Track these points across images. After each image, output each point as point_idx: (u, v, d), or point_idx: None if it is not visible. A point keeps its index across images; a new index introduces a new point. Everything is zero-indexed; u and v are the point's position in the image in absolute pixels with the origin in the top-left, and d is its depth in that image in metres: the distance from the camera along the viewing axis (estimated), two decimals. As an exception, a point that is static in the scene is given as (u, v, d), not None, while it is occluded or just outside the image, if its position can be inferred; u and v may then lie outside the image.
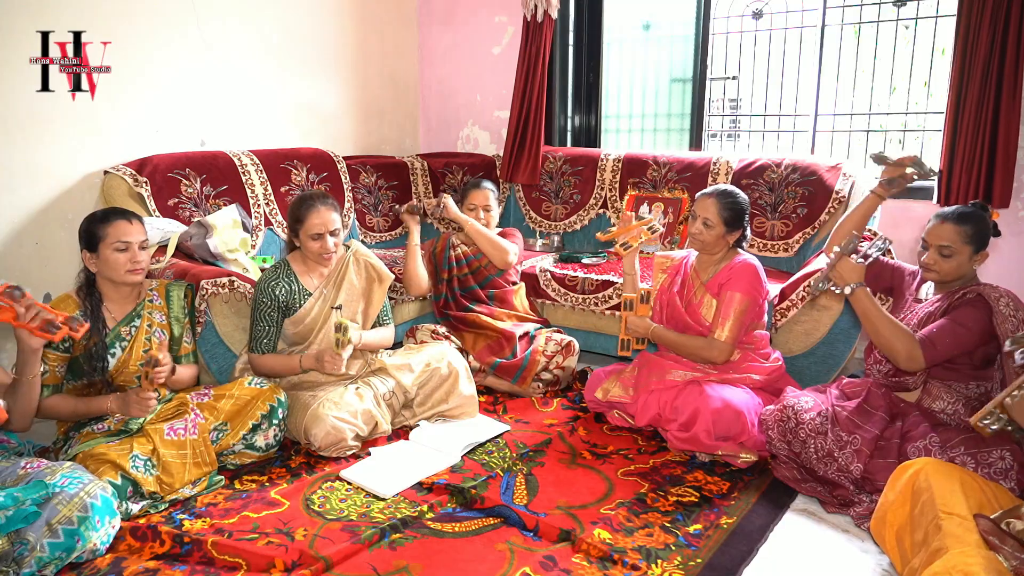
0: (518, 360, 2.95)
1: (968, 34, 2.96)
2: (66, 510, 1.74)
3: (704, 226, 2.51)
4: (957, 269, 2.12)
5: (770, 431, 2.26)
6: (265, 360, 2.55)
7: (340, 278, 2.63)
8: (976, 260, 2.13)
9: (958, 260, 2.11)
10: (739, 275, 2.48)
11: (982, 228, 2.12)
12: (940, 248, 2.12)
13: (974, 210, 2.16)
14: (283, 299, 2.53)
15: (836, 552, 1.93)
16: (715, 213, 2.49)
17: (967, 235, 2.10)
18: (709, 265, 2.60)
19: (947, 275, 2.14)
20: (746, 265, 2.51)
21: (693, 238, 2.56)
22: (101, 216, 2.20)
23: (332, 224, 2.52)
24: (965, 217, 2.12)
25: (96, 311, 2.19)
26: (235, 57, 3.61)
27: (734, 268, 2.51)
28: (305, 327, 2.57)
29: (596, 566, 1.83)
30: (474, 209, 3.19)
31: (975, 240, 2.10)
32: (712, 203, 2.50)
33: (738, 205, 2.51)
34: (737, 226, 2.52)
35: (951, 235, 2.11)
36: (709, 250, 2.57)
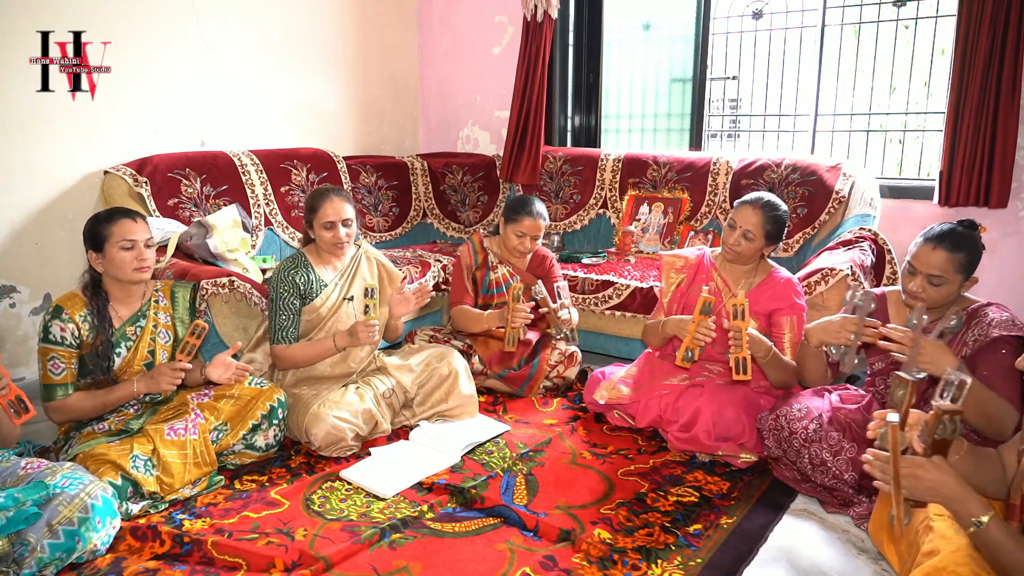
0: (525, 371, 2.95)
1: (968, 34, 2.96)
2: (66, 511, 1.74)
3: (744, 239, 2.35)
4: (947, 298, 1.98)
5: (766, 440, 2.25)
6: (294, 350, 2.53)
7: (354, 272, 2.67)
8: (966, 286, 1.99)
9: (949, 289, 1.95)
10: (789, 296, 2.36)
11: (975, 255, 1.96)
12: (930, 277, 1.94)
13: (966, 233, 1.97)
14: (302, 286, 2.55)
15: (836, 552, 1.93)
16: (758, 225, 2.33)
17: (960, 264, 1.93)
18: (740, 275, 2.46)
19: (935, 303, 1.99)
20: (789, 283, 2.40)
21: (728, 249, 2.40)
22: (105, 216, 2.21)
23: (344, 213, 2.54)
24: (959, 244, 1.93)
25: (103, 310, 2.19)
26: (235, 57, 3.61)
27: (778, 288, 2.39)
28: (317, 316, 2.58)
29: (596, 566, 1.83)
30: (523, 237, 2.89)
31: (967, 268, 1.95)
32: (755, 214, 2.34)
33: (781, 219, 2.36)
34: (777, 239, 2.39)
35: (943, 264, 1.93)
36: (743, 261, 2.43)
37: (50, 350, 2.13)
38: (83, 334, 2.15)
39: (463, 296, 3.00)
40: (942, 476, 1.35)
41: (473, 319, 2.90)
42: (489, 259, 3.04)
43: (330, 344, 2.55)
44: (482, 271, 3.03)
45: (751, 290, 2.42)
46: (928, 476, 1.36)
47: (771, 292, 2.41)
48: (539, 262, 3.08)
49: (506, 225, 2.95)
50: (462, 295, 3.00)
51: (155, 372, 2.20)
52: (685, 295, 2.57)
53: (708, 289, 2.35)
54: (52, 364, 2.13)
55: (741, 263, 2.46)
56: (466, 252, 3.05)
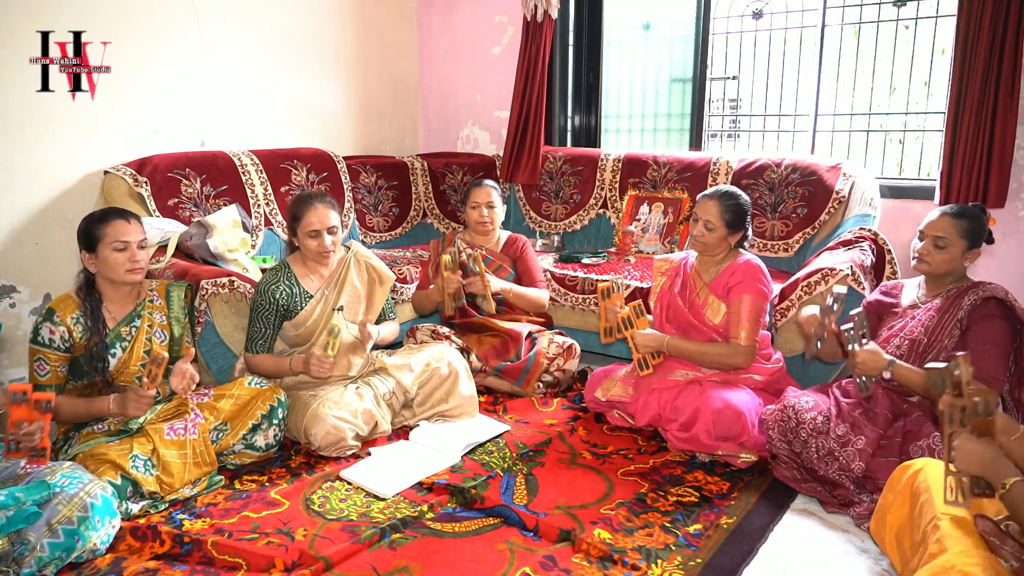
0: (522, 363, 2.95)
1: (968, 34, 2.96)
2: (66, 510, 1.74)
3: (706, 229, 2.48)
4: (949, 263, 2.15)
5: (770, 431, 2.26)
6: (259, 360, 2.55)
7: (341, 279, 2.63)
8: (968, 257, 2.16)
9: (951, 253, 2.14)
10: (746, 277, 2.46)
11: (978, 226, 2.15)
12: (935, 239, 2.15)
13: (971, 207, 2.20)
14: (283, 302, 2.53)
15: (836, 552, 1.93)
16: (716, 215, 2.46)
17: (963, 229, 2.13)
18: (711, 265, 2.57)
19: (938, 267, 2.16)
20: (750, 265, 2.49)
21: (694, 240, 2.53)
22: (99, 216, 2.20)
23: (329, 221, 2.51)
24: (962, 212, 2.16)
25: (96, 311, 2.18)
26: (235, 57, 3.61)
27: (738, 269, 2.49)
28: (307, 329, 2.57)
29: (596, 566, 1.83)
30: (477, 207, 3.13)
31: (970, 235, 2.13)
32: (713, 205, 2.48)
33: (740, 207, 2.49)
34: (739, 227, 2.49)
35: (947, 227, 2.14)
36: (711, 252, 2.54)
37: (37, 351, 2.13)
38: (75, 337, 2.14)
39: (424, 283, 3.20)
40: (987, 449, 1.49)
41: (422, 297, 3.15)
42: (457, 245, 3.16)
43: (286, 366, 2.52)
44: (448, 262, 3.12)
45: (716, 276, 2.53)
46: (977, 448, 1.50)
47: (730, 274, 2.50)
48: (511, 243, 3.25)
49: (465, 209, 3.21)
50: (424, 283, 3.20)
51: (124, 398, 2.12)
52: (667, 295, 2.65)
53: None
54: (38, 365, 2.13)
55: (710, 254, 2.55)
56: (434, 244, 3.26)
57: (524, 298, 3.12)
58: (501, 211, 3.21)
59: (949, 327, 2.12)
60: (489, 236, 3.22)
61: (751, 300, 2.43)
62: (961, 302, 2.12)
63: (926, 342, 2.15)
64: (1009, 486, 1.45)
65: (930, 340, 2.15)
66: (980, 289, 2.11)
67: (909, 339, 2.19)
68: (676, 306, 2.60)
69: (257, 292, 2.53)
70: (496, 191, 3.18)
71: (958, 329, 2.11)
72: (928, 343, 2.15)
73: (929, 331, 2.16)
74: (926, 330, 2.16)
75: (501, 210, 3.20)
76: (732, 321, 2.45)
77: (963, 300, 2.12)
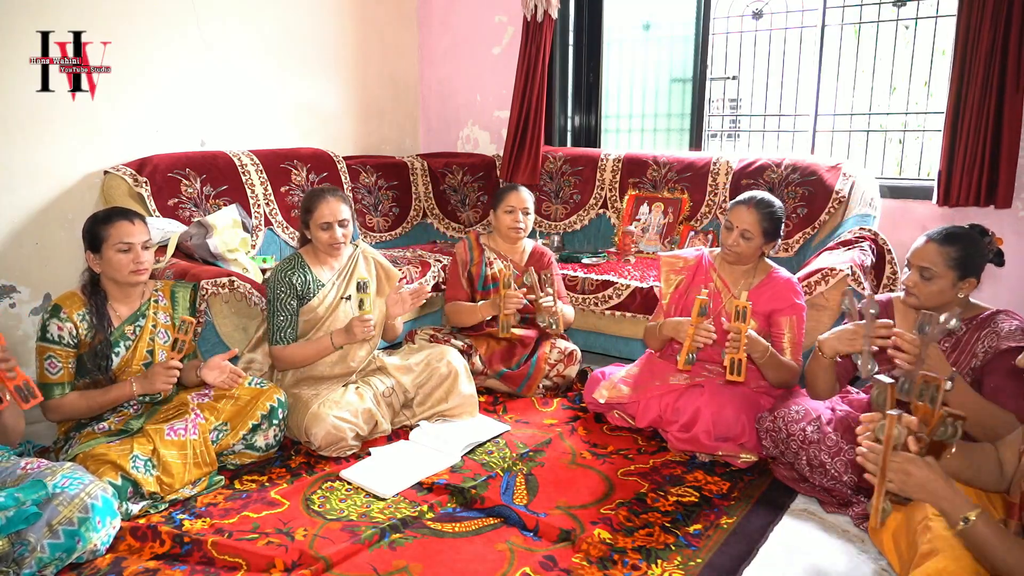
0: (524, 370, 2.95)
1: (968, 34, 2.96)
2: (66, 511, 1.74)
3: (743, 239, 2.35)
4: (939, 295, 1.94)
5: (764, 441, 2.26)
6: (292, 350, 2.54)
7: (351, 272, 2.67)
8: (962, 288, 1.93)
9: (939, 285, 1.92)
10: (789, 297, 2.36)
11: (970, 253, 1.91)
12: (921, 269, 1.94)
13: (966, 232, 1.95)
14: (299, 287, 2.55)
15: (836, 552, 1.93)
16: (755, 223, 2.33)
17: (951, 258, 1.90)
18: (739, 276, 2.47)
19: (927, 300, 1.95)
20: (789, 284, 2.40)
21: (727, 250, 2.41)
22: (103, 217, 2.20)
23: (341, 214, 2.54)
24: (952, 238, 1.92)
25: (102, 310, 2.19)
26: (235, 57, 3.61)
27: (778, 288, 2.39)
28: (315, 316, 2.58)
29: (596, 566, 1.83)
30: (512, 212, 2.96)
31: (960, 265, 1.90)
32: (751, 213, 2.34)
33: (778, 215, 2.37)
34: (775, 236, 2.39)
35: (933, 256, 1.92)
36: (743, 262, 2.44)
37: (47, 349, 2.13)
38: (81, 333, 2.15)
39: (458, 292, 3.05)
40: (931, 475, 1.38)
41: (467, 311, 2.97)
42: (485, 255, 3.05)
43: (327, 342, 2.54)
44: (478, 267, 3.04)
45: (751, 290, 2.42)
46: (919, 473, 1.39)
47: (771, 292, 2.41)
48: (538, 257, 3.11)
49: (496, 211, 3.02)
50: (457, 291, 3.06)
51: (150, 372, 2.19)
52: (684, 296, 2.57)
53: (707, 291, 2.36)
54: (49, 363, 2.13)
55: (741, 263, 2.46)
56: (462, 249, 3.08)
57: (565, 317, 2.96)
58: (532, 219, 3.06)
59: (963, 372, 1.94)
60: (517, 244, 3.09)
61: (799, 321, 2.37)
62: (974, 347, 1.92)
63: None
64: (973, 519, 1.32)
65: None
66: (994, 331, 1.89)
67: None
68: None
69: (273, 282, 2.54)
70: (531, 198, 3.03)
71: (970, 376, 1.93)
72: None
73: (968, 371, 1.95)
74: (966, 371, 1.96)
75: (532, 218, 3.07)
76: (784, 343, 2.36)
77: (976, 344, 1.92)
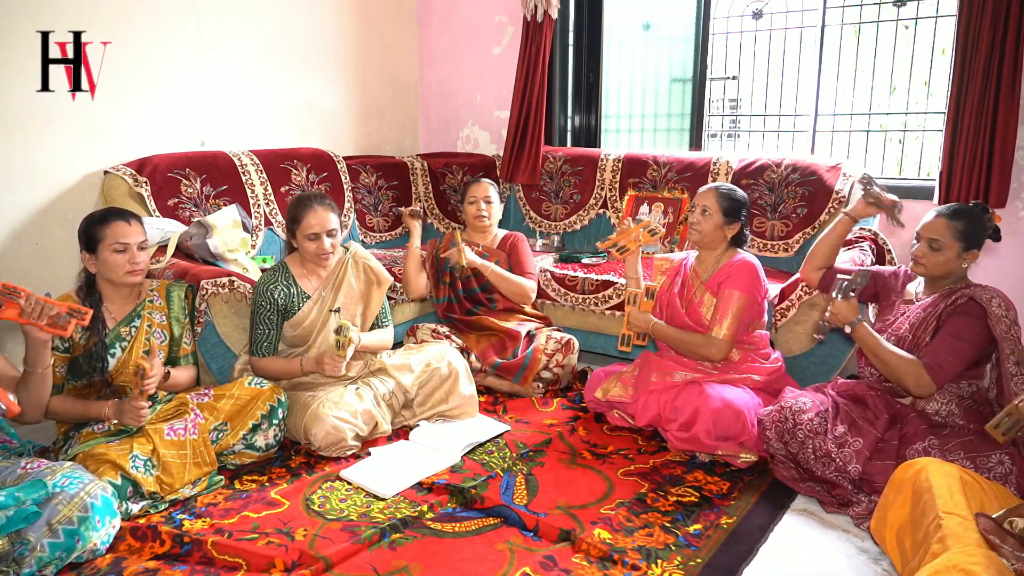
0: (520, 359, 2.95)
1: (968, 34, 2.95)
2: (66, 510, 1.74)
3: (702, 215, 2.52)
4: (945, 264, 2.14)
5: (767, 432, 2.26)
6: (266, 363, 2.54)
7: (339, 281, 2.63)
8: (965, 258, 2.14)
9: (946, 255, 2.13)
10: (737, 273, 2.49)
11: (974, 226, 2.13)
12: (930, 241, 2.14)
13: (970, 208, 2.17)
14: (281, 302, 2.53)
15: (836, 552, 1.93)
16: (713, 201, 2.51)
17: (957, 230, 2.12)
18: (709, 264, 2.60)
19: (934, 269, 2.15)
20: (744, 263, 2.51)
21: (692, 228, 2.57)
22: (99, 217, 2.20)
23: (329, 224, 2.51)
24: (958, 213, 2.14)
25: (96, 311, 2.18)
26: (235, 57, 3.61)
27: (733, 266, 2.52)
28: (304, 330, 2.57)
29: (596, 566, 1.83)
30: (475, 202, 3.17)
31: (965, 237, 2.12)
32: (711, 193, 2.54)
33: (736, 196, 2.54)
34: (735, 218, 2.52)
35: (941, 229, 2.13)
36: (708, 244, 2.56)
37: None
38: (74, 337, 2.14)
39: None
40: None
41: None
42: (454, 241, 3.08)
43: (296, 366, 2.52)
44: (445, 250, 3.12)
45: (712, 274, 2.56)
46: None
47: (726, 271, 2.53)
48: (506, 239, 3.27)
49: (463, 205, 3.24)
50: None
51: (121, 407, 2.13)
52: (667, 294, 2.67)
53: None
54: None
55: (707, 247, 2.58)
56: (431, 243, 3.28)
57: (505, 280, 3.09)
58: (498, 208, 3.24)
59: (930, 322, 2.14)
60: (486, 233, 3.24)
61: (738, 296, 2.45)
62: (946, 301, 2.14)
63: (910, 339, 2.17)
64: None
65: (914, 336, 2.17)
66: (970, 290, 2.11)
67: (896, 335, 2.20)
68: (674, 305, 2.62)
69: (256, 293, 2.53)
70: (493, 187, 3.22)
71: (935, 322, 2.13)
72: (912, 340, 2.17)
73: (913, 327, 2.17)
74: (911, 326, 2.18)
75: (499, 207, 3.24)
76: (714, 313, 2.49)
77: (948, 299, 2.14)
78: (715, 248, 2.58)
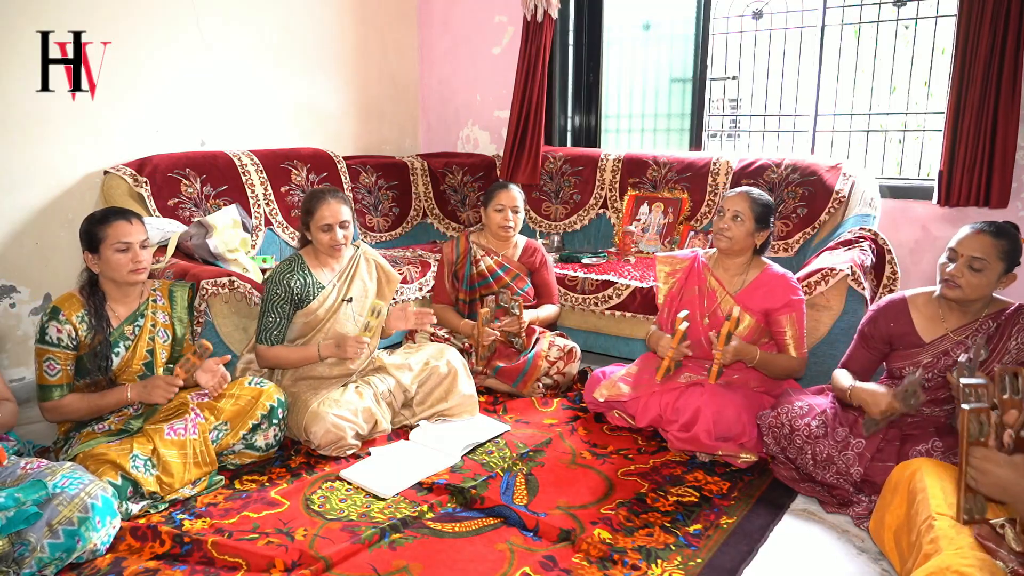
0: (520, 364, 2.94)
1: (968, 34, 2.96)
2: (66, 511, 1.74)
3: (734, 220, 2.42)
4: (985, 288, 1.94)
5: (765, 437, 2.26)
6: (277, 351, 2.54)
7: (352, 273, 2.66)
8: (1003, 282, 1.96)
9: (987, 278, 1.92)
10: (784, 294, 2.40)
11: (1016, 249, 1.94)
12: (972, 260, 1.92)
13: (1011, 227, 1.97)
14: (298, 291, 2.54)
15: (836, 552, 1.93)
16: (747, 207, 2.42)
17: (1003, 251, 1.92)
18: (734, 274, 2.50)
19: (971, 292, 1.95)
20: (787, 281, 2.43)
21: (719, 235, 2.46)
22: (100, 217, 2.20)
23: (342, 215, 2.54)
24: (1003, 232, 1.94)
25: (100, 310, 2.19)
26: (235, 57, 3.62)
27: (771, 285, 2.43)
28: (315, 318, 2.58)
29: (596, 566, 1.83)
30: (502, 210, 3.03)
31: (1009, 258, 1.93)
32: (742, 198, 2.44)
33: (767, 201, 2.46)
34: (765, 225, 2.45)
35: (987, 248, 1.91)
36: (737, 251, 2.46)
37: (46, 351, 2.13)
38: (80, 335, 2.15)
39: (441, 295, 3.19)
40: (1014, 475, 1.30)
41: (450, 324, 3.11)
42: (473, 252, 3.09)
43: (314, 352, 2.53)
44: (463, 267, 3.09)
45: (744, 288, 2.46)
46: (999, 472, 1.32)
47: (765, 290, 2.44)
48: (530, 253, 3.18)
49: (486, 209, 3.10)
50: (440, 294, 3.19)
51: (150, 383, 2.17)
52: (677, 298, 2.60)
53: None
54: (48, 365, 2.13)
55: (734, 253, 2.48)
56: (448, 248, 3.17)
57: (546, 322, 3.11)
58: (522, 216, 3.13)
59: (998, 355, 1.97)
60: (508, 242, 3.14)
61: (797, 317, 2.41)
62: (1007, 343, 1.95)
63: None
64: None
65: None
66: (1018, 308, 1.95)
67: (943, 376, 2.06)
68: (692, 318, 2.51)
69: (270, 282, 2.53)
70: (521, 196, 3.10)
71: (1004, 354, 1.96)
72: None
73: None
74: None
75: (523, 215, 3.13)
76: (787, 340, 2.42)
77: (1008, 341, 1.95)
78: (741, 255, 2.49)
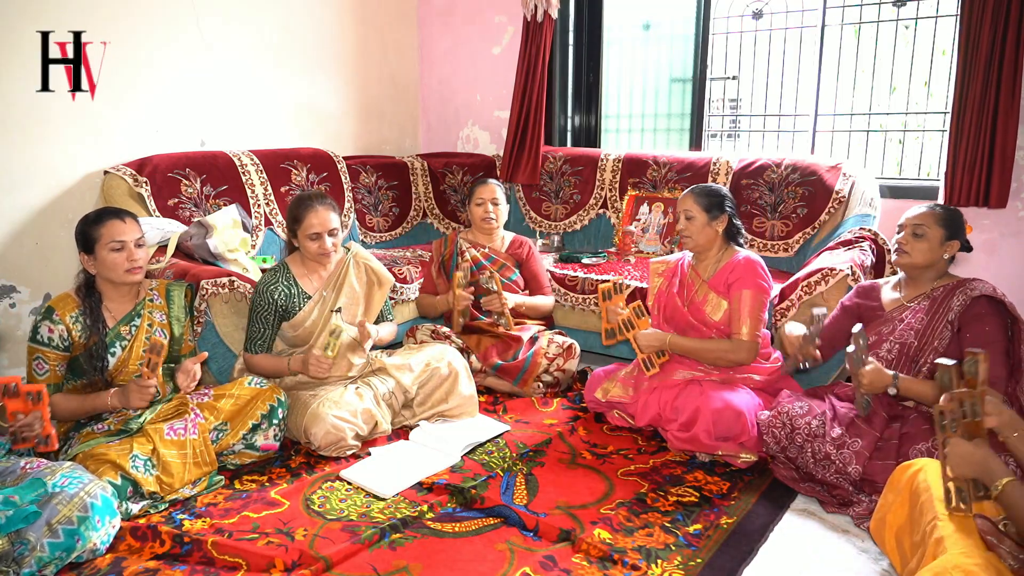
0: (520, 362, 2.95)
1: (969, 34, 2.95)
2: (66, 510, 1.74)
3: (686, 219, 2.52)
4: (928, 252, 2.17)
5: (766, 436, 2.26)
6: (258, 360, 2.56)
7: (340, 281, 2.63)
8: (947, 248, 2.18)
9: (930, 243, 2.17)
10: (746, 272, 2.47)
11: (955, 216, 2.19)
12: (915, 227, 2.20)
13: (946, 206, 2.26)
14: (281, 303, 2.53)
15: (836, 552, 1.93)
16: (692, 203, 2.52)
17: (939, 216, 2.18)
18: (709, 264, 2.59)
19: (918, 257, 2.18)
20: (749, 261, 2.50)
21: (681, 237, 2.57)
22: (94, 217, 2.19)
23: (330, 224, 2.51)
24: (939, 205, 2.24)
25: (96, 310, 2.18)
26: (235, 57, 3.61)
27: (738, 265, 2.50)
28: (305, 330, 2.57)
29: (596, 566, 1.83)
30: (481, 204, 3.14)
31: (947, 224, 2.17)
32: (686, 197, 2.56)
33: (711, 190, 2.54)
34: (719, 211, 2.51)
35: (926, 216, 2.20)
36: (703, 246, 2.54)
37: (36, 350, 2.13)
38: (74, 336, 2.14)
39: (427, 285, 3.26)
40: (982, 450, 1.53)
41: (429, 304, 3.18)
42: (459, 244, 3.18)
43: (284, 366, 2.54)
44: (449, 260, 3.17)
45: (715, 274, 2.55)
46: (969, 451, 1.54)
47: (729, 271, 2.52)
48: (517, 245, 3.27)
49: (469, 206, 3.21)
50: (427, 284, 3.27)
51: (126, 388, 2.14)
52: (665, 296, 2.66)
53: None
54: (36, 364, 2.13)
55: (702, 249, 2.57)
56: (438, 243, 3.27)
57: (536, 309, 3.16)
58: (505, 209, 3.22)
59: (939, 329, 2.13)
60: (493, 235, 3.23)
61: (751, 295, 2.44)
62: (951, 302, 2.12)
63: (916, 345, 2.15)
64: (1002, 486, 1.45)
65: (920, 343, 2.15)
66: (968, 288, 2.11)
67: (899, 343, 2.19)
68: (675, 306, 2.60)
69: (256, 292, 2.53)
70: (500, 188, 3.21)
71: (948, 330, 2.11)
72: (919, 346, 2.15)
73: (919, 334, 2.15)
74: (916, 333, 2.16)
75: (505, 208, 3.22)
76: (734, 317, 2.46)
77: (952, 300, 2.12)
78: (711, 248, 2.56)
